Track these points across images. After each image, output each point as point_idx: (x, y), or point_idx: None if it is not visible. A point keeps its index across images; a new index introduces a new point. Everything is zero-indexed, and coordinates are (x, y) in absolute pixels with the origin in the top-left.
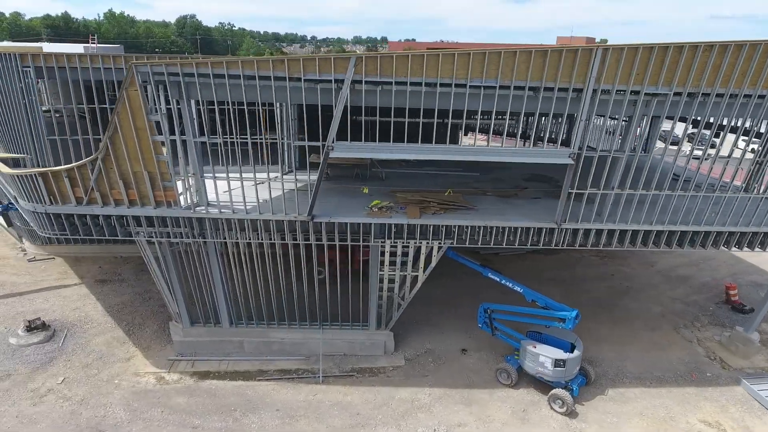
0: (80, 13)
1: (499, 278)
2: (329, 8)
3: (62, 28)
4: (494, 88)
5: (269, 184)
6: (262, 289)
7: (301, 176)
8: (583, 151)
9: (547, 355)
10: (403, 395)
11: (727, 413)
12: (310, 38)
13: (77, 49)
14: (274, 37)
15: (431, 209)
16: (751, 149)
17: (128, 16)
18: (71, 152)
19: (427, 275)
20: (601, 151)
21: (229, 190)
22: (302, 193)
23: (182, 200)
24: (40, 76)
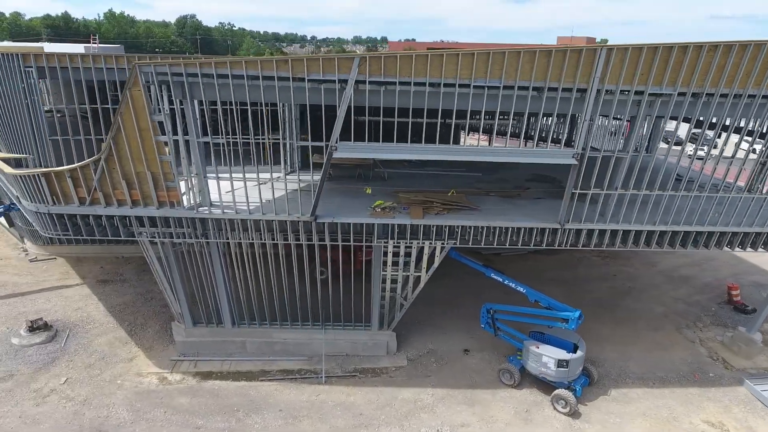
0: (80, 13)
1: (501, 278)
2: (329, 8)
3: (62, 28)
4: (498, 88)
5: (272, 184)
6: (264, 289)
7: (303, 176)
8: (586, 151)
9: (550, 355)
10: (406, 395)
11: (730, 414)
12: (310, 38)
13: (78, 49)
14: (274, 37)
15: (434, 209)
16: (752, 149)
17: (128, 16)
18: (73, 152)
19: (429, 276)
20: (604, 151)
21: (232, 190)
22: (305, 193)
23: (185, 200)
24: (42, 76)
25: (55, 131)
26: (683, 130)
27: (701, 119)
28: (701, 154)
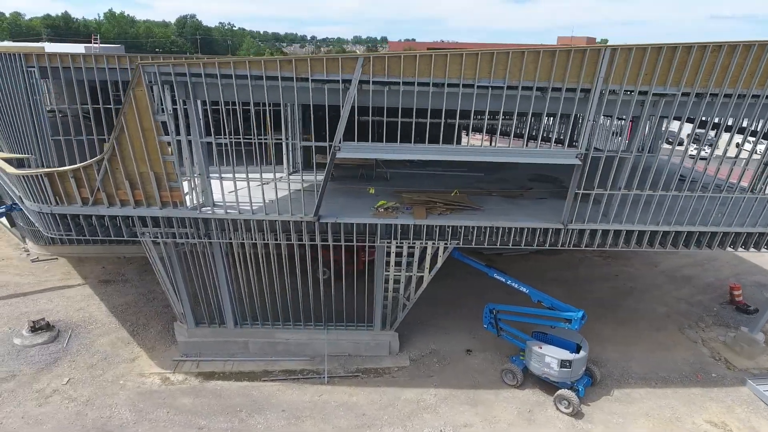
0: (80, 13)
1: (504, 279)
2: (329, 8)
3: (62, 28)
4: (502, 88)
5: (275, 184)
6: (267, 289)
7: (305, 176)
8: (590, 151)
9: (553, 355)
10: (408, 396)
11: (733, 414)
12: (310, 38)
13: (78, 49)
14: (274, 37)
15: (437, 210)
16: (755, 150)
17: (128, 16)
18: (75, 153)
19: (432, 276)
20: (608, 151)
21: (235, 190)
22: (307, 193)
23: (188, 201)
24: (44, 76)
25: (57, 131)
26: (686, 130)
27: (705, 119)
28: (704, 154)
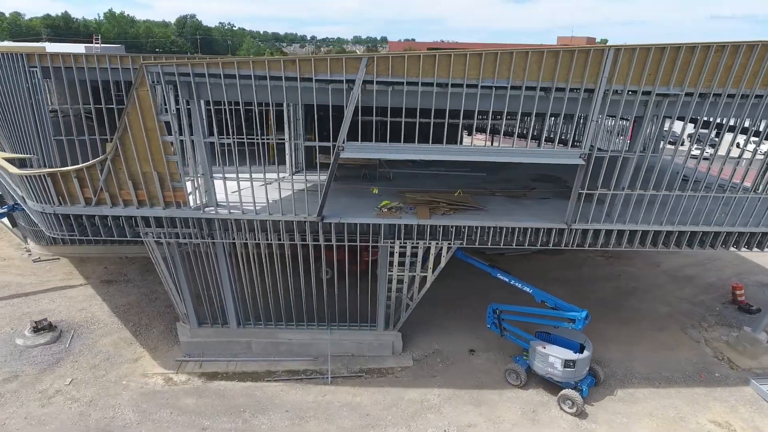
0: (80, 13)
1: (508, 279)
2: (329, 8)
3: (62, 28)
4: (505, 88)
5: (279, 184)
6: (270, 289)
7: (308, 177)
8: (594, 151)
9: (557, 355)
10: (412, 396)
11: (736, 413)
12: (309, 38)
13: (79, 49)
14: (273, 37)
15: (441, 210)
16: (755, 149)
17: (128, 16)
18: (78, 153)
19: (435, 276)
20: (612, 151)
21: (238, 190)
22: (310, 193)
23: (191, 201)
24: (46, 76)
25: (59, 131)
26: (688, 130)
27: (708, 120)
28: (706, 154)
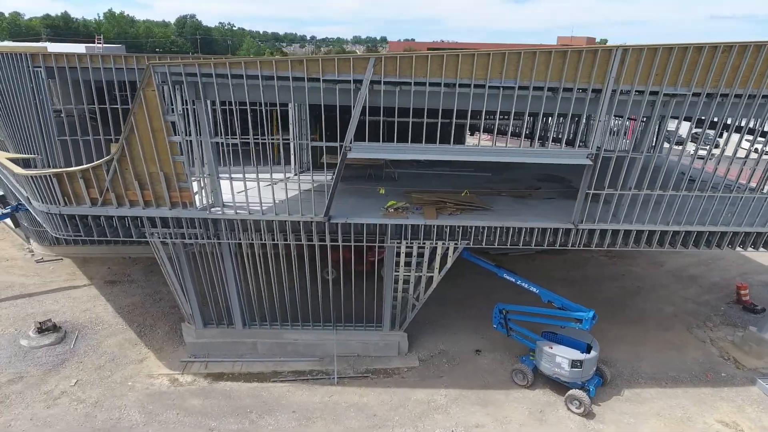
0: (80, 13)
1: (514, 279)
2: (329, 8)
3: (62, 28)
4: (513, 88)
5: (286, 184)
6: (276, 290)
7: (313, 177)
8: (601, 151)
9: (564, 355)
10: (419, 396)
11: (743, 413)
12: (309, 38)
13: (79, 49)
14: (273, 37)
15: (447, 210)
16: (754, 149)
17: (128, 16)
18: (82, 153)
19: (442, 276)
20: (618, 151)
21: (245, 190)
22: (316, 193)
23: (197, 201)
24: (50, 76)
25: (63, 131)
26: (690, 130)
27: (715, 120)
28: (709, 153)
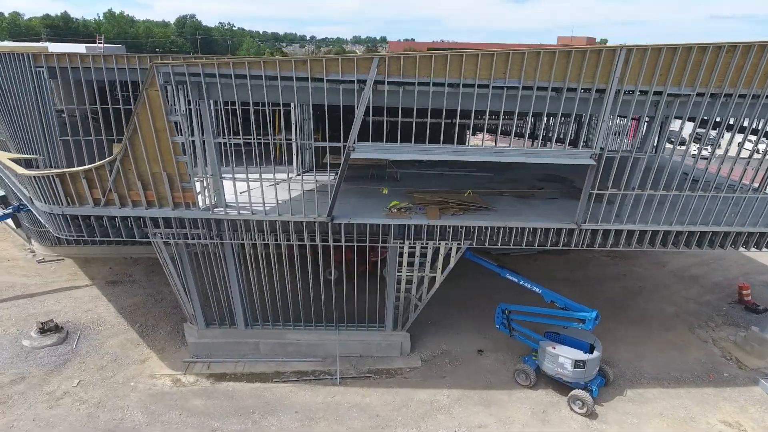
0: (80, 13)
1: (517, 279)
2: (329, 8)
3: (62, 28)
4: (516, 88)
5: (289, 184)
6: (278, 290)
7: (315, 177)
8: (604, 151)
9: (567, 356)
10: (421, 397)
11: (746, 413)
12: (309, 38)
13: (80, 49)
14: (273, 37)
15: (450, 210)
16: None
17: (128, 16)
18: (84, 153)
19: (444, 276)
20: (622, 152)
21: (248, 190)
22: (319, 194)
23: (200, 201)
24: (52, 76)
25: (64, 131)
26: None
27: (718, 120)
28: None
